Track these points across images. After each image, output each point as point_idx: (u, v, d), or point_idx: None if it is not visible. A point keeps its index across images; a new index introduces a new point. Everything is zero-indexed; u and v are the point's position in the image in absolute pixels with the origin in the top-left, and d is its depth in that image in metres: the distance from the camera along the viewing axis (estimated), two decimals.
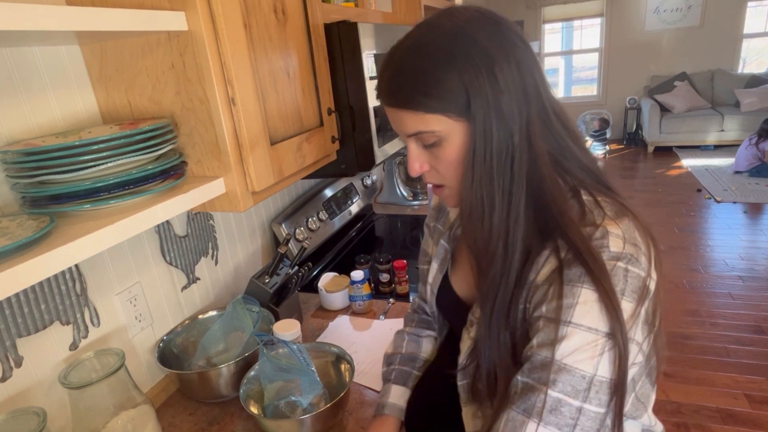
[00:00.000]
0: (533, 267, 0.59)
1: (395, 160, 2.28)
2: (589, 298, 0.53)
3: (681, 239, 3.58)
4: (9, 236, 0.61)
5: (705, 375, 2.21)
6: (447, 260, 0.81)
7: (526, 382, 0.55)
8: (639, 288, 0.55)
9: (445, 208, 0.87)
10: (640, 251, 0.56)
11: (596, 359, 0.52)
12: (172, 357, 1.10)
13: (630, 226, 0.58)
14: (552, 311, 0.55)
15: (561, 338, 0.53)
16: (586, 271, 0.53)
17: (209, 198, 0.86)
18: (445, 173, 0.63)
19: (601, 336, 0.52)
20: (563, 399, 0.52)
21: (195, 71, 0.81)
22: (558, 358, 0.53)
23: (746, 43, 6.05)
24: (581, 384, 0.52)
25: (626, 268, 0.54)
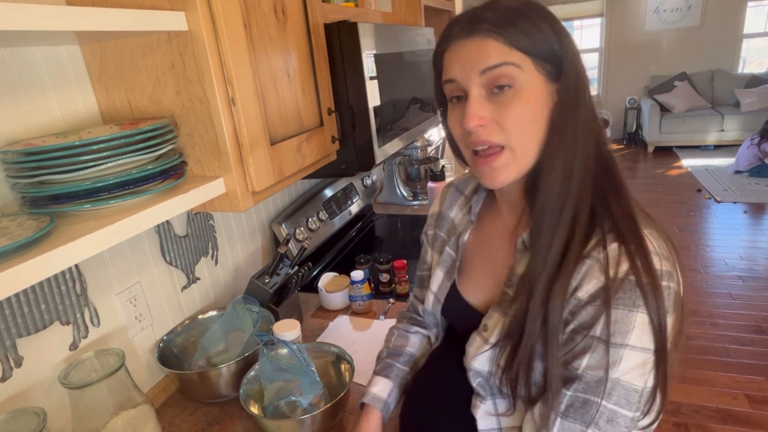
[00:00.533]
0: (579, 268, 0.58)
1: (395, 160, 2.28)
2: (644, 321, 0.55)
3: (681, 239, 3.58)
4: (9, 236, 0.61)
5: (705, 375, 2.21)
6: (455, 268, 0.78)
7: (578, 396, 0.57)
8: (677, 301, 0.57)
9: (446, 214, 0.84)
10: (672, 264, 0.58)
11: (647, 375, 0.56)
12: (172, 357, 1.10)
13: (657, 238, 0.59)
14: (610, 335, 0.55)
15: (618, 360, 0.55)
16: (640, 295, 0.54)
17: (209, 198, 0.86)
18: (512, 129, 0.58)
19: (651, 354, 0.55)
20: (618, 411, 0.56)
21: (195, 71, 0.81)
22: (616, 377, 0.55)
23: (746, 43, 6.05)
24: (634, 397, 0.56)
25: (668, 285, 0.56)
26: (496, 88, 0.58)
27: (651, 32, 6.26)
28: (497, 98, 0.58)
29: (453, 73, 0.60)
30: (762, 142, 4.65)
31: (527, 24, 0.57)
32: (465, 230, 0.78)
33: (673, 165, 5.44)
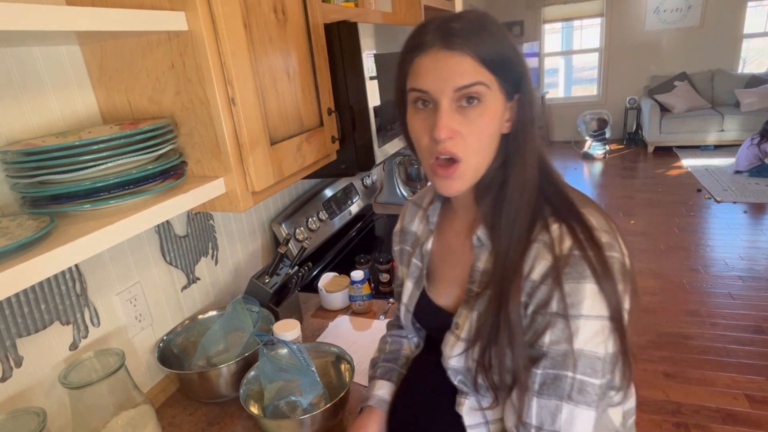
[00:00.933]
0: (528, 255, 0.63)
1: (395, 160, 2.28)
2: (594, 290, 0.59)
3: (681, 239, 3.58)
4: (9, 236, 0.61)
5: (705, 375, 2.21)
6: (423, 277, 0.82)
7: (548, 373, 0.61)
8: (622, 269, 0.61)
9: (408, 229, 0.88)
10: (613, 236, 0.63)
11: (605, 341, 0.60)
12: (172, 357, 1.10)
13: (597, 216, 0.64)
14: (564, 309, 0.59)
15: (576, 331, 0.59)
16: (588, 267, 0.59)
17: (209, 198, 0.86)
18: (473, 143, 0.63)
19: (606, 320, 0.59)
20: (586, 380, 0.59)
21: (195, 71, 0.81)
22: (578, 348, 0.59)
23: (746, 43, 6.05)
24: (598, 365, 0.59)
25: (611, 255, 0.61)
26: (465, 101, 0.62)
27: (651, 32, 6.26)
28: (465, 111, 0.62)
29: (425, 84, 0.62)
30: (762, 142, 4.65)
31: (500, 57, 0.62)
32: (427, 239, 0.83)
33: (673, 165, 5.44)
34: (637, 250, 3.49)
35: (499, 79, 0.62)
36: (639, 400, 2.10)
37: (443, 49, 0.61)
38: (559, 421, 0.60)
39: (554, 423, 0.61)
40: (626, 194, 4.66)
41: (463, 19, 0.62)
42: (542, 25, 6.77)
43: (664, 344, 2.45)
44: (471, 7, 0.65)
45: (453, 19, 0.62)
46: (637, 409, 2.12)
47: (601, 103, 6.75)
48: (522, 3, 6.67)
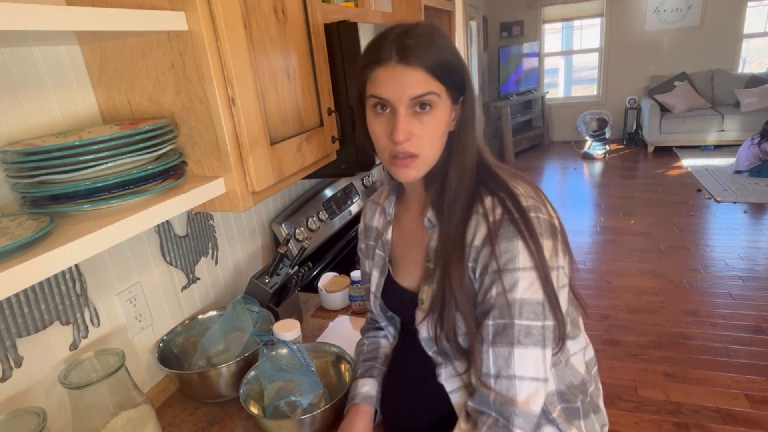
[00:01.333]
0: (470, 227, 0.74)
1: None
2: (524, 246, 0.69)
3: (681, 239, 3.58)
4: (9, 236, 0.61)
5: (705, 375, 2.21)
6: (386, 265, 0.91)
7: (497, 323, 0.70)
8: (549, 227, 0.72)
9: (370, 225, 0.97)
10: (538, 202, 0.73)
11: (540, 289, 0.69)
12: (172, 357, 1.10)
13: (524, 185, 0.76)
14: (504, 265, 0.70)
15: (516, 282, 0.69)
16: (515, 228, 0.70)
17: (209, 198, 0.86)
18: (426, 142, 0.74)
19: (536, 270, 0.69)
20: (531, 324, 0.69)
21: (195, 71, 0.81)
22: (519, 297, 0.69)
23: (746, 43, 6.05)
24: (538, 309, 0.69)
25: (536, 216, 0.71)
26: (419, 107, 0.72)
27: (651, 32, 6.26)
28: (419, 116, 0.72)
29: (385, 93, 0.71)
30: (762, 141, 4.64)
31: (448, 68, 0.71)
32: (386, 230, 0.92)
33: (673, 165, 5.44)
34: (637, 250, 3.49)
35: (447, 87, 0.72)
36: (639, 400, 2.10)
37: (400, 63, 0.69)
38: (513, 365, 0.69)
39: (509, 368, 0.69)
40: (626, 194, 4.66)
41: (417, 35, 0.70)
42: (542, 25, 6.77)
43: (664, 344, 2.45)
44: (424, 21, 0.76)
45: (407, 34, 0.70)
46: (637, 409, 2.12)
47: (601, 103, 6.75)
48: (522, 3, 6.67)
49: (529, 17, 6.72)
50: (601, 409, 0.87)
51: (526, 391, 0.69)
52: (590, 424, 0.83)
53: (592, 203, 4.52)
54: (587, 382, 0.84)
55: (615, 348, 2.47)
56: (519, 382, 0.69)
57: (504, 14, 6.80)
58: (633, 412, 2.04)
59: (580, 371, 0.83)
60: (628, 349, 2.44)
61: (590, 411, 0.84)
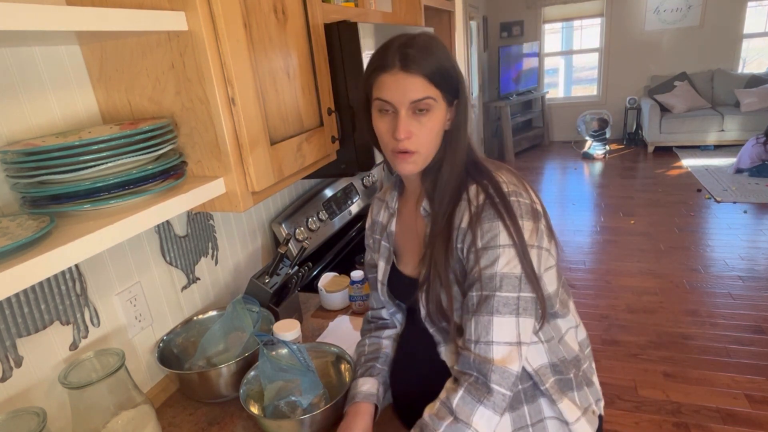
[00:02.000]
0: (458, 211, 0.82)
1: None
2: (504, 226, 0.78)
3: (681, 239, 3.58)
4: (9, 236, 0.61)
5: (705, 375, 2.21)
6: (391, 254, 0.99)
7: (480, 295, 0.78)
8: (530, 210, 0.80)
9: (377, 220, 1.05)
10: (520, 188, 0.82)
11: (518, 264, 0.77)
12: (172, 357, 1.10)
13: (507, 175, 0.84)
14: (486, 243, 0.78)
15: (497, 257, 0.77)
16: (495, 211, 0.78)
17: (209, 198, 0.86)
18: (423, 141, 0.82)
19: (513, 247, 0.77)
20: (509, 296, 0.77)
21: (195, 71, 0.81)
22: (499, 271, 0.77)
23: (746, 43, 6.05)
24: (515, 282, 0.77)
25: (517, 200, 0.80)
26: (418, 110, 0.81)
27: (651, 32, 6.26)
28: (418, 117, 0.81)
29: (389, 96, 0.80)
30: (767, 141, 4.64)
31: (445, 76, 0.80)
32: (389, 222, 0.99)
33: (673, 165, 5.44)
34: (637, 250, 3.49)
35: (443, 92, 0.81)
36: (639, 400, 2.10)
37: (402, 70, 0.79)
38: (491, 332, 0.77)
39: (488, 334, 0.77)
40: (626, 194, 4.66)
41: (418, 45, 0.79)
42: (542, 25, 6.77)
43: (664, 344, 2.45)
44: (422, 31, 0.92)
45: (409, 45, 0.80)
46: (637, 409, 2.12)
47: (601, 103, 6.75)
48: (522, 3, 6.67)
49: (529, 17, 6.72)
50: (594, 384, 0.92)
51: (501, 353, 0.76)
52: (584, 395, 0.88)
53: (592, 203, 4.52)
54: (581, 359, 0.90)
55: (615, 348, 2.47)
56: (495, 346, 0.76)
57: (504, 14, 6.80)
58: (633, 412, 2.05)
59: (573, 348, 0.90)
60: (628, 349, 2.44)
61: (583, 384, 0.89)
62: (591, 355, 0.97)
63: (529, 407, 0.84)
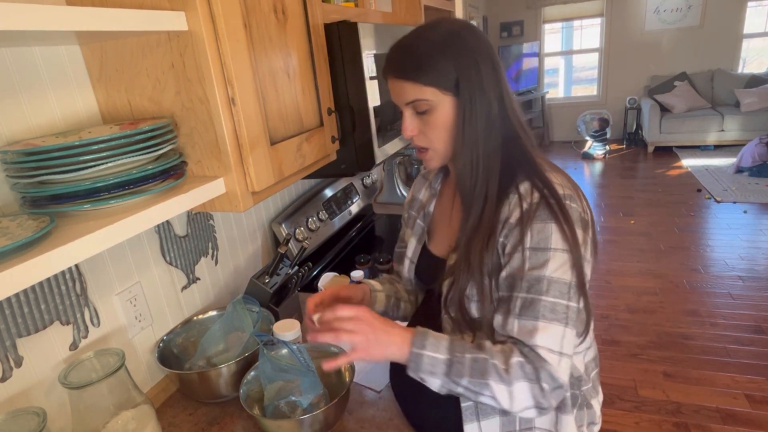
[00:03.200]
0: (505, 206, 0.78)
1: (395, 160, 2.28)
2: (557, 228, 0.74)
3: (681, 239, 3.58)
4: (9, 236, 0.61)
5: (705, 375, 2.21)
6: (424, 234, 0.99)
7: (525, 297, 0.73)
8: (581, 219, 0.77)
9: (417, 197, 1.05)
10: (574, 194, 0.78)
11: (570, 271, 0.73)
12: (172, 357, 1.10)
13: (563, 178, 0.81)
14: (536, 243, 0.74)
15: (547, 260, 0.73)
16: (550, 212, 0.74)
17: (209, 198, 0.86)
18: (432, 137, 0.82)
19: (568, 253, 0.73)
20: (557, 302, 0.72)
21: (195, 71, 0.81)
22: (548, 275, 0.72)
23: (746, 43, 6.05)
24: (565, 289, 0.73)
25: (570, 205, 0.76)
26: (418, 111, 0.81)
27: (651, 32, 6.26)
28: (421, 116, 0.81)
29: (393, 98, 0.84)
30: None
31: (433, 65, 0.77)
32: (429, 202, 1.00)
33: (673, 165, 5.44)
34: (637, 250, 3.49)
35: (439, 88, 0.78)
36: (639, 400, 2.10)
37: (391, 75, 0.81)
38: (535, 338, 0.71)
39: (532, 339, 0.71)
40: (626, 194, 4.66)
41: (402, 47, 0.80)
42: (542, 25, 6.77)
43: (664, 344, 2.45)
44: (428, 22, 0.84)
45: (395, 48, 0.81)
46: (637, 409, 2.11)
47: (601, 103, 6.75)
48: (522, 3, 6.67)
49: (529, 17, 6.72)
50: (593, 407, 0.90)
51: (548, 356, 0.70)
52: (580, 416, 0.87)
53: (592, 203, 4.52)
54: (582, 380, 0.88)
55: (615, 348, 2.47)
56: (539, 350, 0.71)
57: (504, 14, 6.80)
58: (633, 412, 2.05)
59: (578, 368, 0.87)
60: (628, 349, 2.44)
61: (583, 405, 0.88)
62: (597, 379, 0.94)
63: None
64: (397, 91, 0.81)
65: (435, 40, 0.78)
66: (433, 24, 0.81)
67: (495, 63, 0.80)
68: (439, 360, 0.71)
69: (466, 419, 0.83)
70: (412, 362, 0.72)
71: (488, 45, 0.81)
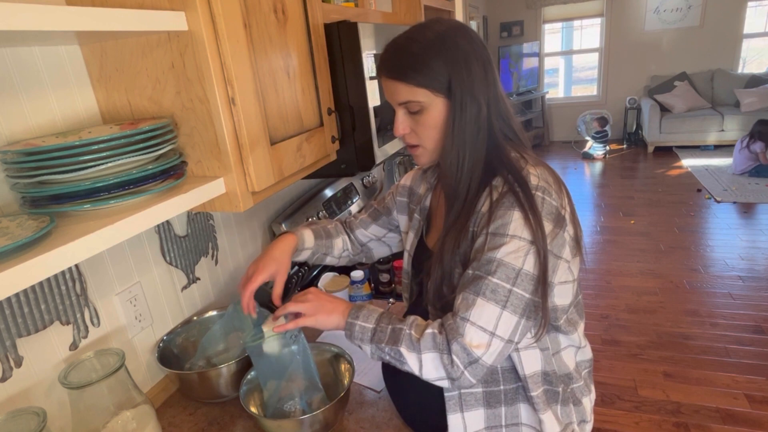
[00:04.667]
0: (479, 200, 0.81)
1: (395, 160, 2.28)
2: (519, 216, 0.75)
3: (681, 239, 3.58)
4: (9, 236, 0.61)
5: (705, 375, 2.21)
6: (421, 227, 1.02)
7: (475, 274, 0.77)
8: (553, 213, 0.77)
9: (415, 190, 1.07)
10: (552, 188, 0.79)
11: (522, 258, 0.74)
12: (172, 357, 1.10)
13: (544, 172, 0.82)
14: (496, 228, 0.77)
15: (502, 244, 0.75)
16: (515, 199, 0.76)
17: (209, 198, 0.86)
18: (423, 136, 0.84)
19: (526, 242, 0.75)
20: (500, 283, 0.74)
21: (195, 71, 0.81)
22: (498, 257, 0.75)
23: (746, 43, 6.05)
24: (512, 274, 0.74)
25: (542, 197, 0.77)
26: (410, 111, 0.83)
27: (651, 32, 6.26)
28: (413, 115, 0.83)
29: (386, 97, 0.86)
30: (750, 142, 4.65)
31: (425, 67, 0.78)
32: (425, 196, 1.02)
33: (673, 165, 5.44)
34: (637, 250, 3.49)
35: (431, 90, 0.79)
36: (639, 400, 2.10)
37: (383, 75, 0.83)
38: (471, 311, 0.74)
39: (467, 312, 0.74)
40: (626, 194, 4.66)
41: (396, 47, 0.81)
42: (542, 25, 6.77)
43: (664, 344, 2.45)
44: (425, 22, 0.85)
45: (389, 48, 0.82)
46: (637, 409, 2.11)
47: (601, 103, 6.75)
48: (522, 3, 6.67)
49: (529, 17, 6.72)
50: (582, 404, 0.91)
51: (471, 335, 0.73)
52: (567, 412, 0.88)
53: (592, 203, 4.52)
54: (573, 377, 0.90)
55: (615, 348, 2.47)
56: (469, 326, 0.74)
57: (504, 14, 6.80)
58: (633, 412, 2.05)
59: (568, 366, 0.89)
60: (628, 349, 2.44)
61: (569, 401, 0.89)
62: (590, 378, 0.96)
63: (506, 409, 0.85)
64: (390, 90, 0.83)
65: (428, 42, 0.79)
66: (427, 24, 0.82)
67: (487, 64, 0.81)
68: (366, 328, 0.81)
69: (449, 409, 0.85)
70: (347, 330, 0.82)
71: (481, 46, 0.82)
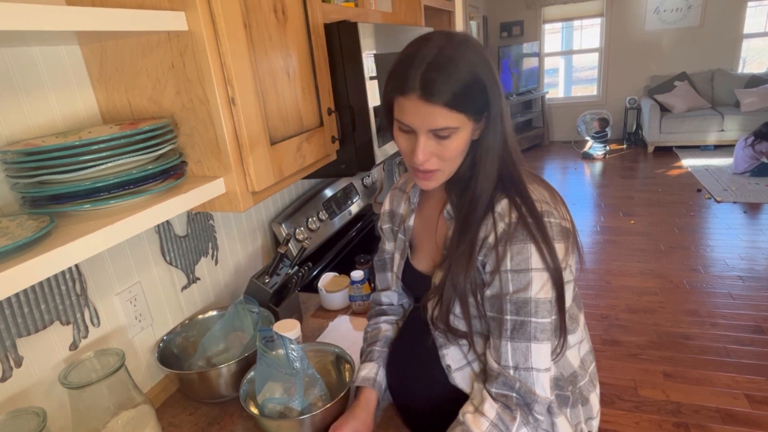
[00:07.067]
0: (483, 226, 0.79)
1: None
2: (535, 250, 0.75)
3: (681, 239, 3.58)
4: (9, 236, 0.61)
5: (705, 375, 2.21)
6: (406, 248, 0.99)
7: (515, 320, 0.76)
8: (561, 231, 0.78)
9: (396, 211, 1.03)
10: (551, 206, 0.79)
11: (550, 289, 0.76)
12: (172, 357, 1.10)
13: (539, 188, 0.81)
14: (517, 265, 0.76)
15: (530, 282, 0.75)
16: (528, 232, 0.75)
17: (209, 198, 0.86)
18: (447, 160, 0.79)
19: (547, 273, 0.76)
20: (544, 321, 0.76)
21: (195, 71, 0.81)
22: (533, 296, 0.75)
23: (746, 43, 6.05)
24: (549, 306, 0.76)
25: (549, 221, 0.77)
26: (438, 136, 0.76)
27: (651, 32, 6.26)
28: (439, 140, 0.77)
29: (408, 120, 0.76)
30: (756, 142, 4.64)
31: (469, 96, 0.74)
32: (409, 217, 0.98)
33: (673, 165, 5.44)
34: (637, 250, 3.49)
35: (467, 115, 0.75)
36: (639, 400, 2.10)
37: (421, 98, 0.73)
38: (530, 359, 0.76)
39: (527, 361, 0.76)
40: (626, 194, 4.66)
41: (440, 67, 0.72)
42: (542, 25, 6.77)
43: (664, 344, 2.45)
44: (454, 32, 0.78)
45: (431, 67, 0.72)
46: (637, 409, 2.11)
47: (601, 103, 6.75)
48: (522, 3, 6.67)
49: (529, 17, 6.72)
50: (589, 402, 0.92)
51: (542, 382, 0.76)
52: (576, 413, 0.89)
53: (592, 203, 4.52)
54: (578, 375, 0.90)
55: (615, 348, 2.47)
56: (536, 374, 0.76)
57: (504, 14, 6.80)
58: (633, 412, 2.04)
59: (573, 364, 0.89)
60: (628, 349, 2.44)
61: (578, 402, 0.89)
62: (595, 372, 0.96)
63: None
64: (426, 116, 0.74)
65: (470, 63, 0.74)
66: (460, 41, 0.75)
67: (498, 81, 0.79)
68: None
69: None
70: None
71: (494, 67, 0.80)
